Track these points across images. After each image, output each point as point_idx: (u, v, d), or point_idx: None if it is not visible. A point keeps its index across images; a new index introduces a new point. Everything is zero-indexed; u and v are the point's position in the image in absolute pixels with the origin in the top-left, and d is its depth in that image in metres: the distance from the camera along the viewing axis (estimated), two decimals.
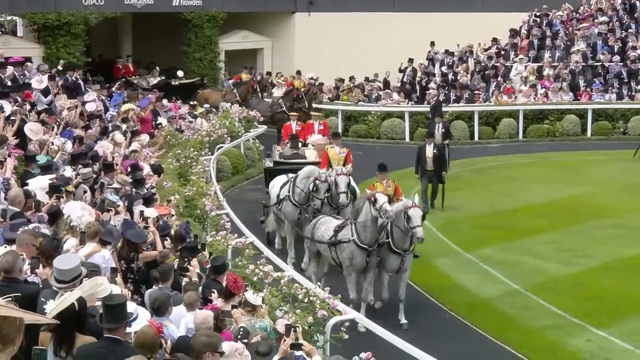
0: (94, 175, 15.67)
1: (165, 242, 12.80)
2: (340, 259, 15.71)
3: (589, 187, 25.12)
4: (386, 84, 35.69)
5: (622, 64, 35.14)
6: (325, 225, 16.30)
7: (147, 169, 17.93)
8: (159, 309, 9.25)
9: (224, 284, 10.77)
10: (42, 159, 15.81)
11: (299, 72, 34.49)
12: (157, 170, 18.33)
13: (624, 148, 30.26)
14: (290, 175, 19.12)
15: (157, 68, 36.41)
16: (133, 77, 35.62)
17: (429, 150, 22.56)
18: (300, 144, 21.94)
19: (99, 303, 7.85)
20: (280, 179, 19.48)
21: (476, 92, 33.38)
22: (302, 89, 30.81)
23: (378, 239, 15.44)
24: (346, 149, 20.39)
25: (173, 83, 34.72)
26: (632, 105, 32.82)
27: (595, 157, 29.30)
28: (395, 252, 15.43)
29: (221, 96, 31.41)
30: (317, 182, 17.97)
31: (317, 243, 16.32)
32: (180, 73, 36.21)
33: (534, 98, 33.27)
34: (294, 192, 18.48)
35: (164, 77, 35.32)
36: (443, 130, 25.18)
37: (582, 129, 32.38)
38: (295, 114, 24.73)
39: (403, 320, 15.35)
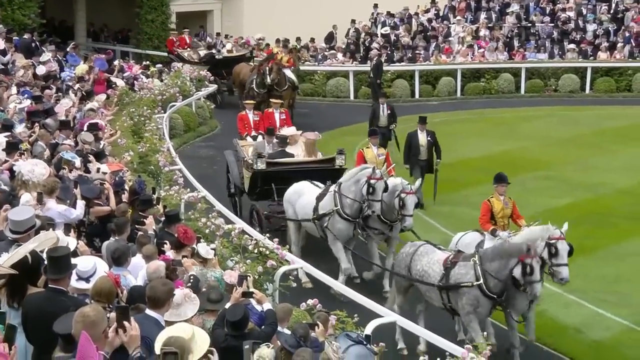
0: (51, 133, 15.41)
1: (123, 195, 12.66)
2: (458, 305, 11.96)
3: (523, 141, 25.36)
4: (331, 38, 35.49)
5: (552, 24, 35.46)
6: (428, 257, 12.40)
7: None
8: (119, 259, 9.21)
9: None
10: None
11: (285, 42, 30.74)
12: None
13: (555, 104, 30.73)
14: (317, 182, 15.51)
15: (208, 39, 34.75)
16: (186, 49, 33.01)
17: (422, 138, 19.29)
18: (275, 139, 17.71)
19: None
20: (306, 189, 15.44)
21: (417, 52, 33.46)
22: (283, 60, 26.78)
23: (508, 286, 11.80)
24: (384, 150, 17.12)
25: (217, 57, 31.60)
26: (563, 64, 33.05)
27: (528, 114, 29.53)
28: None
29: (249, 70, 28.04)
30: (371, 181, 14.22)
31: (418, 282, 12.46)
32: (229, 46, 33.78)
33: (471, 58, 33.44)
34: (343, 203, 14.60)
35: (210, 51, 32.30)
36: (388, 112, 22.07)
37: (516, 87, 32.55)
38: (278, 101, 21.16)
39: None
